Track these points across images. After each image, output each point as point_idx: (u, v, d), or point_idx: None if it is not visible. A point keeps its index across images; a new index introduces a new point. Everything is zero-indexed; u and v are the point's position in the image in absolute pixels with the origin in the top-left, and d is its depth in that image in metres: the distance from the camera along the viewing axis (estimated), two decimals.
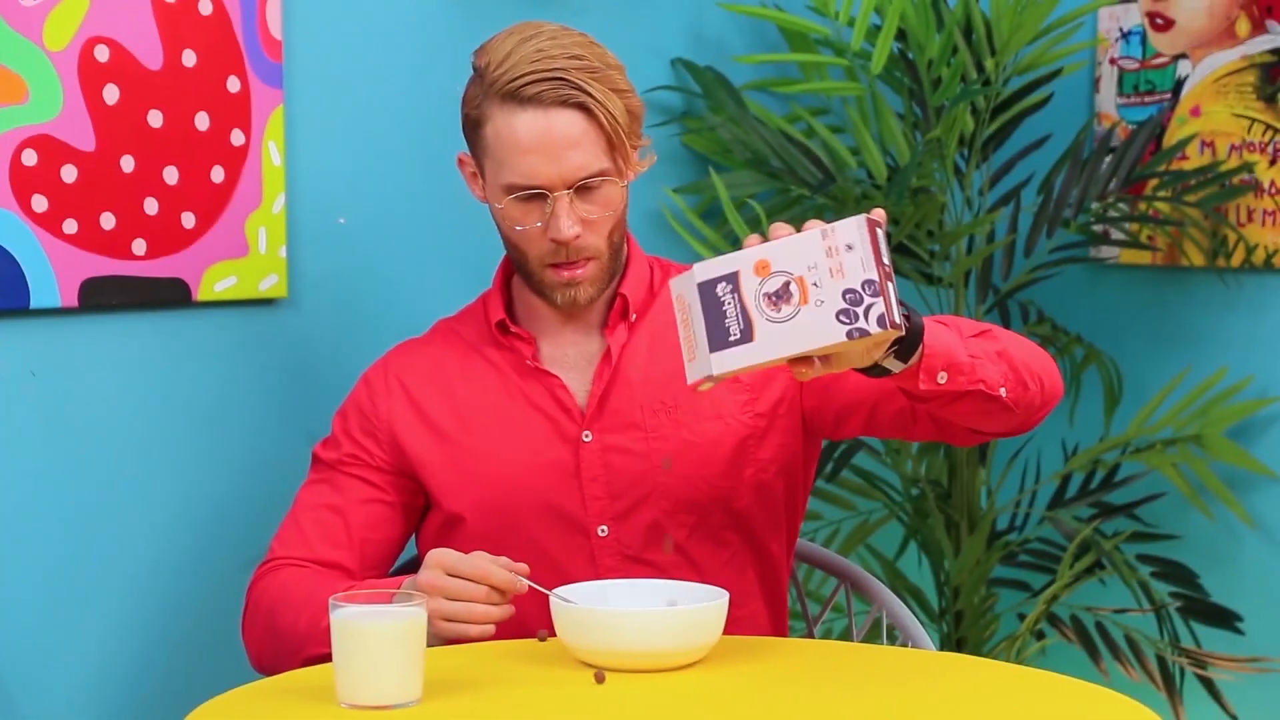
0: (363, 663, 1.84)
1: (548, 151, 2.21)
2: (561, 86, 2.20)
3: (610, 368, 2.30)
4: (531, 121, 2.21)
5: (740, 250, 1.91)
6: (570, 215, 2.22)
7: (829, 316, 1.86)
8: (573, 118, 2.21)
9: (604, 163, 2.23)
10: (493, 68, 2.24)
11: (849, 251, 1.88)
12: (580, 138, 2.21)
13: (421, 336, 2.45)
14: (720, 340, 1.89)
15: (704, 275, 1.90)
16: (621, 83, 2.27)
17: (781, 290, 1.88)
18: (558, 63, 2.21)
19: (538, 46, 2.23)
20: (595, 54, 2.26)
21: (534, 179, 2.22)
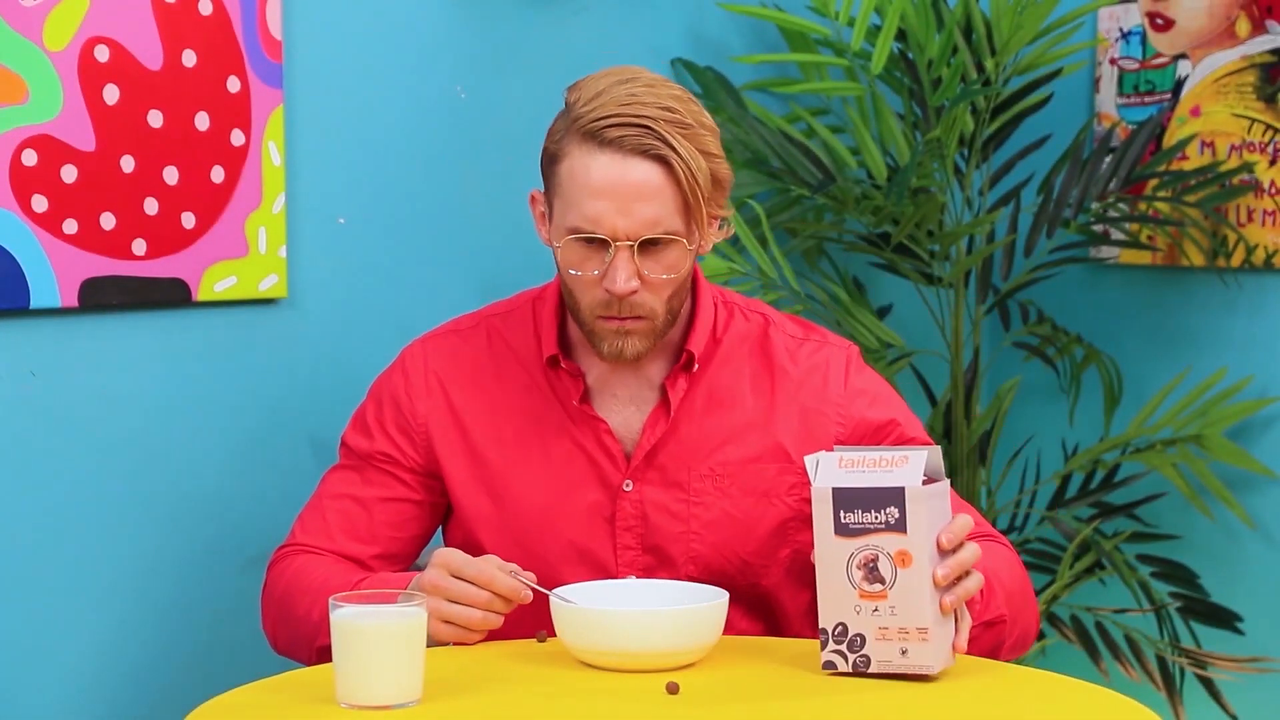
0: (363, 663, 1.84)
1: (618, 199, 2.10)
2: (645, 135, 2.10)
3: (667, 421, 2.23)
4: (608, 165, 2.10)
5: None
6: (628, 268, 2.12)
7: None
8: (650, 169, 2.10)
9: (675, 223, 2.12)
10: (580, 104, 2.13)
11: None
12: (654, 192, 2.10)
13: (465, 326, 2.35)
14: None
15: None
16: (712, 146, 2.15)
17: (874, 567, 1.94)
18: (647, 110, 2.10)
19: (631, 91, 2.12)
20: (690, 111, 2.14)
21: (598, 225, 2.11)
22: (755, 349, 2.29)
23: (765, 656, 2.06)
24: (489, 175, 2.97)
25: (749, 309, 2.31)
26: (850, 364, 2.30)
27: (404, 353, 2.36)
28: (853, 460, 1.94)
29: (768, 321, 2.31)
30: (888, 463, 1.92)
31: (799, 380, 2.27)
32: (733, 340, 2.28)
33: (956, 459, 3.23)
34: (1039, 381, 3.44)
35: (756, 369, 2.28)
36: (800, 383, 2.27)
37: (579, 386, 2.24)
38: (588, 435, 2.24)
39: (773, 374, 2.27)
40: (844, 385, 2.27)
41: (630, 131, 2.09)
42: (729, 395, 2.25)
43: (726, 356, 2.27)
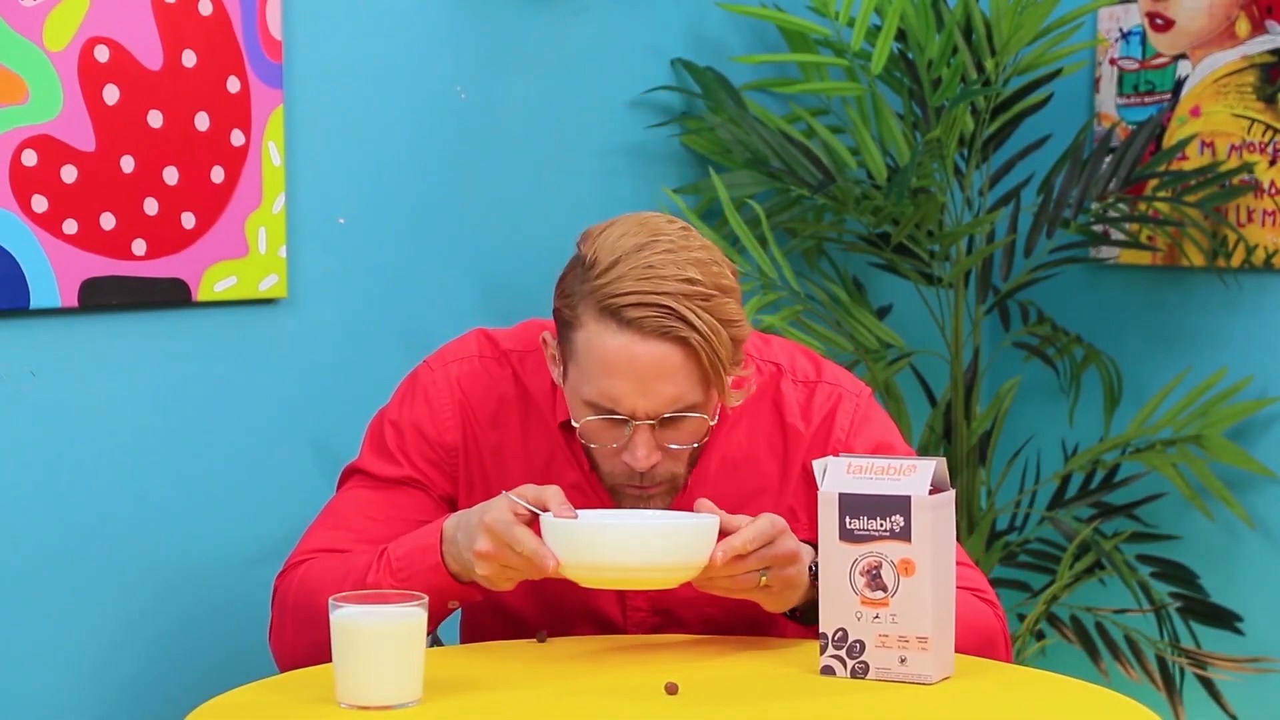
0: (362, 663, 1.83)
1: (638, 381, 2.03)
2: (666, 316, 2.00)
3: (682, 492, 2.16)
4: (626, 346, 2.01)
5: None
6: (649, 445, 2.06)
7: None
8: (671, 351, 2.02)
9: (696, 396, 2.05)
10: (596, 272, 2.03)
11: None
12: (675, 371, 2.03)
13: (489, 355, 2.25)
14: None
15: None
16: (733, 310, 2.05)
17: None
18: (667, 285, 2.01)
19: (649, 261, 2.01)
20: (710, 275, 2.03)
21: (618, 405, 2.05)
22: (768, 407, 2.23)
23: (765, 656, 2.06)
24: (489, 175, 2.97)
25: (762, 359, 2.25)
26: (858, 414, 2.24)
27: (421, 378, 2.25)
28: (860, 467, 1.94)
29: (780, 372, 2.25)
30: (895, 471, 1.92)
31: (809, 439, 2.22)
32: (746, 400, 2.21)
33: (956, 459, 3.23)
34: (1039, 381, 3.44)
35: (769, 429, 2.23)
36: (809, 441, 2.22)
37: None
38: (597, 501, 2.18)
39: (784, 434, 2.22)
40: (847, 437, 2.23)
41: (650, 312, 2.01)
42: (742, 458, 2.21)
43: (739, 417, 2.22)
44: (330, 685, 1.87)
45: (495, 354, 2.25)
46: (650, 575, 1.97)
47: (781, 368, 2.25)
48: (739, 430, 2.22)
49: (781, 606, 2.06)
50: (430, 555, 2.04)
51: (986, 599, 2.20)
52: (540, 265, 2.94)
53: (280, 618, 2.18)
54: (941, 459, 1.93)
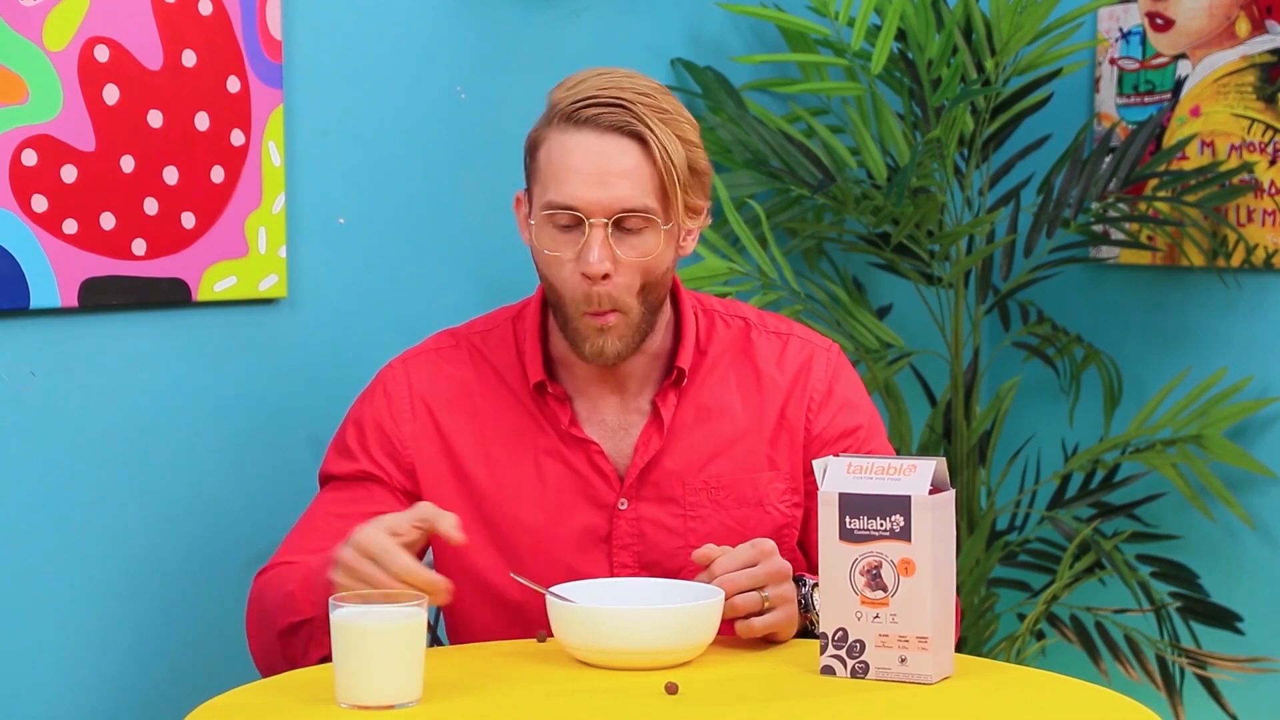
0: (362, 663, 1.83)
1: (594, 175, 2.11)
2: (622, 113, 2.11)
3: (660, 438, 2.22)
4: (584, 142, 2.12)
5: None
6: (605, 247, 2.11)
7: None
8: (627, 146, 2.11)
9: (650, 201, 2.12)
10: (559, 93, 2.17)
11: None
12: (630, 169, 2.11)
13: (446, 345, 2.32)
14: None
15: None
16: (691, 134, 2.16)
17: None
18: (625, 94, 2.12)
19: (611, 79, 2.15)
20: (669, 101, 2.16)
21: (573, 199, 2.11)
22: (739, 356, 2.28)
23: (765, 656, 2.06)
24: (489, 175, 2.97)
25: (729, 314, 2.30)
26: (832, 364, 2.30)
27: (382, 375, 2.31)
28: (860, 466, 1.94)
29: (748, 325, 2.30)
30: (895, 470, 1.92)
31: (785, 386, 2.27)
32: (717, 349, 2.27)
33: (956, 459, 3.23)
34: (1039, 381, 3.44)
35: (742, 376, 2.27)
36: (786, 388, 2.27)
37: (566, 410, 2.23)
38: (580, 458, 2.23)
39: (759, 380, 2.27)
40: (827, 389, 2.27)
41: (607, 110, 2.12)
42: (717, 406, 2.25)
43: (712, 366, 2.26)
44: (329, 685, 1.87)
45: (452, 342, 2.31)
46: (660, 658, 1.98)
47: (750, 322, 2.31)
48: (713, 378, 2.26)
49: (791, 629, 2.08)
50: (329, 569, 2.05)
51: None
52: None
53: (249, 620, 2.25)
54: (941, 459, 1.93)
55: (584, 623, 1.97)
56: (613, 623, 1.96)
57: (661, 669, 1.96)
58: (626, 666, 1.97)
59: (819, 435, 2.26)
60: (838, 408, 2.27)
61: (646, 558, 2.22)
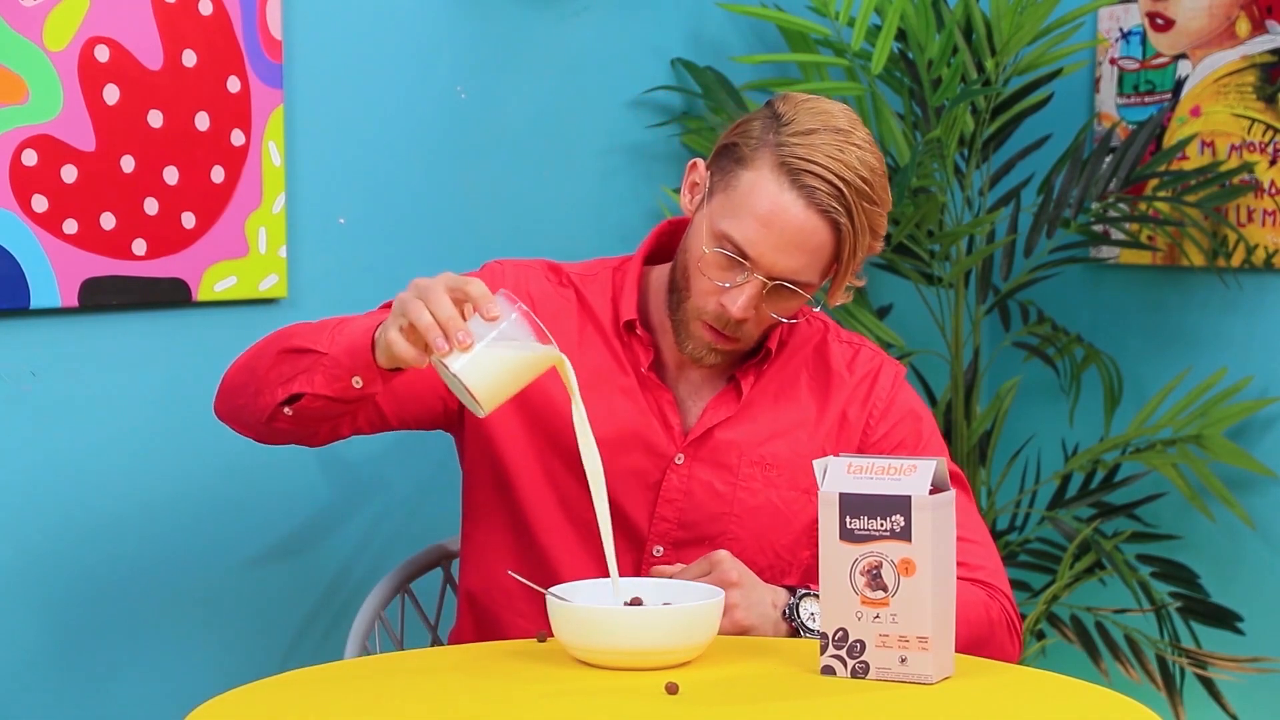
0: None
1: (781, 239, 2.14)
2: (836, 199, 2.13)
3: (737, 404, 2.26)
4: (789, 205, 2.13)
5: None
6: (753, 300, 2.16)
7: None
8: (822, 228, 2.14)
9: (814, 278, 2.18)
10: (790, 130, 2.15)
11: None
12: (815, 248, 2.15)
13: (551, 275, 2.32)
14: None
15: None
16: (881, 225, 2.19)
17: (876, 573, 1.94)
18: (848, 174, 2.13)
19: (843, 146, 2.14)
20: (879, 186, 2.17)
21: (751, 249, 2.14)
22: (815, 352, 2.33)
23: (765, 656, 2.06)
24: (489, 175, 2.97)
25: (812, 315, 2.35)
26: (899, 379, 2.35)
27: (491, 268, 2.32)
28: (861, 467, 1.94)
29: (827, 327, 2.37)
30: (896, 471, 1.92)
31: (852, 387, 2.32)
32: (797, 340, 2.32)
33: (957, 459, 3.23)
34: (1039, 381, 3.44)
35: (814, 371, 2.32)
36: (851, 389, 2.32)
37: (649, 355, 2.27)
38: (651, 403, 2.26)
39: (829, 377, 2.32)
40: (889, 399, 2.31)
41: (824, 189, 2.13)
42: (788, 392, 2.29)
43: (790, 355, 2.31)
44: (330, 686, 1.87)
45: (558, 277, 2.33)
46: (660, 658, 1.98)
47: (828, 325, 2.38)
48: (789, 366, 2.31)
49: (759, 631, 2.10)
50: (371, 320, 2.06)
51: (988, 584, 2.22)
52: None
53: (234, 364, 2.23)
54: (942, 459, 1.93)
55: (584, 623, 1.97)
56: (612, 623, 1.96)
57: (661, 669, 1.96)
58: (626, 666, 1.97)
59: (877, 441, 2.30)
60: (899, 417, 2.31)
61: (688, 516, 2.25)
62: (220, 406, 2.25)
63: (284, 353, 2.12)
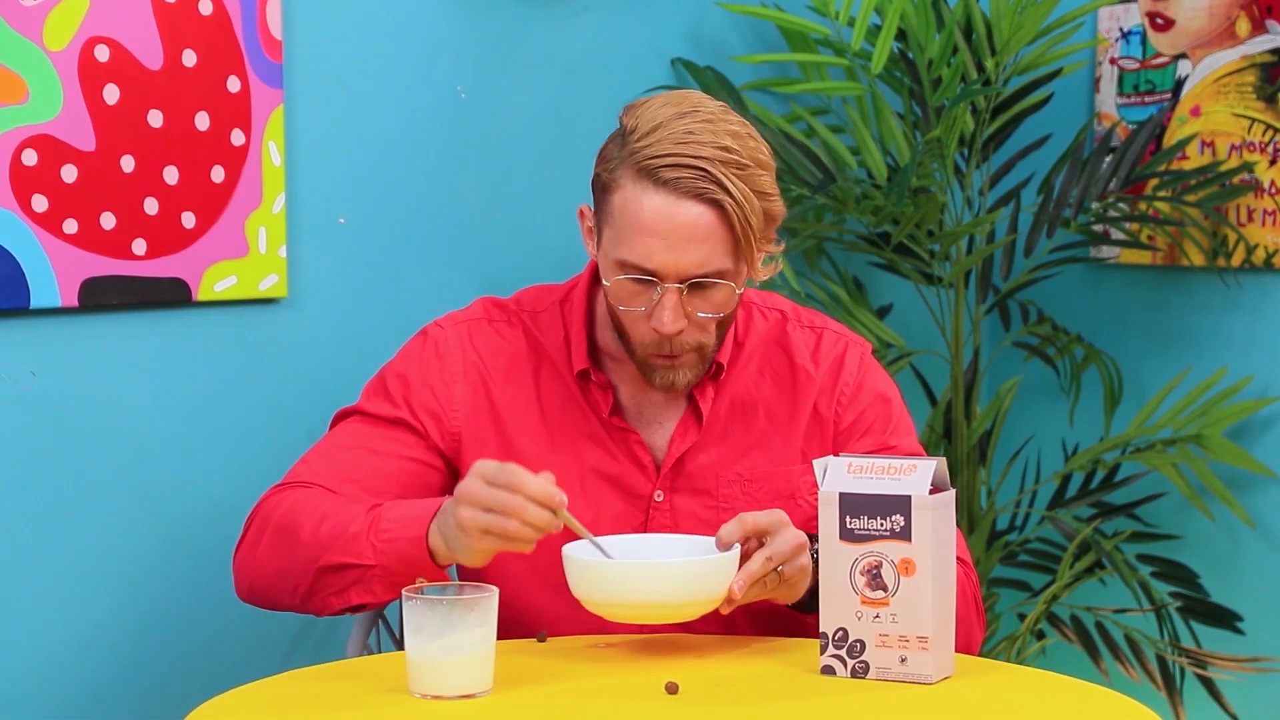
0: (441, 654, 1.85)
1: (670, 240, 2.08)
2: (701, 178, 2.07)
3: (698, 430, 2.23)
4: (661, 205, 2.08)
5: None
6: (677, 309, 2.11)
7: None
8: (704, 212, 2.08)
9: (725, 263, 2.10)
10: (636, 136, 2.10)
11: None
12: (707, 234, 2.08)
13: (498, 318, 2.29)
14: None
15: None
16: (767, 184, 2.12)
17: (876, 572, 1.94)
18: (704, 150, 2.07)
19: (688, 128, 2.09)
20: (748, 149, 2.10)
21: (648, 262, 2.09)
22: (775, 349, 2.29)
23: (765, 656, 2.06)
24: (489, 175, 2.97)
25: (766, 306, 2.31)
26: (864, 361, 2.30)
27: (431, 335, 2.28)
28: (861, 466, 1.94)
29: (785, 318, 2.31)
30: (896, 470, 1.92)
31: (820, 380, 2.27)
32: (754, 342, 2.28)
33: (956, 459, 3.23)
34: (1039, 381, 3.44)
35: (777, 370, 2.28)
36: (819, 382, 2.27)
37: (609, 399, 2.23)
38: (620, 447, 2.23)
39: (794, 374, 2.27)
40: (857, 384, 2.27)
41: (685, 174, 2.07)
42: (752, 399, 2.25)
43: (749, 359, 2.27)
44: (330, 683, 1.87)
45: (504, 316, 2.30)
46: (670, 611, 1.99)
47: (786, 314, 2.32)
48: (749, 371, 2.26)
49: (795, 595, 2.07)
50: (417, 526, 2.04)
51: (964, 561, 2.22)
52: (540, 265, 2.95)
53: (257, 534, 2.18)
54: (942, 459, 1.93)
55: (600, 576, 1.98)
56: (628, 576, 1.97)
57: (676, 621, 1.97)
58: (642, 619, 1.98)
59: (847, 428, 2.27)
60: (867, 402, 2.28)
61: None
62: (248, 596, 2.21)
63: (323, 571, 2.09)
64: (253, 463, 2.71)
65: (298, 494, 2.17)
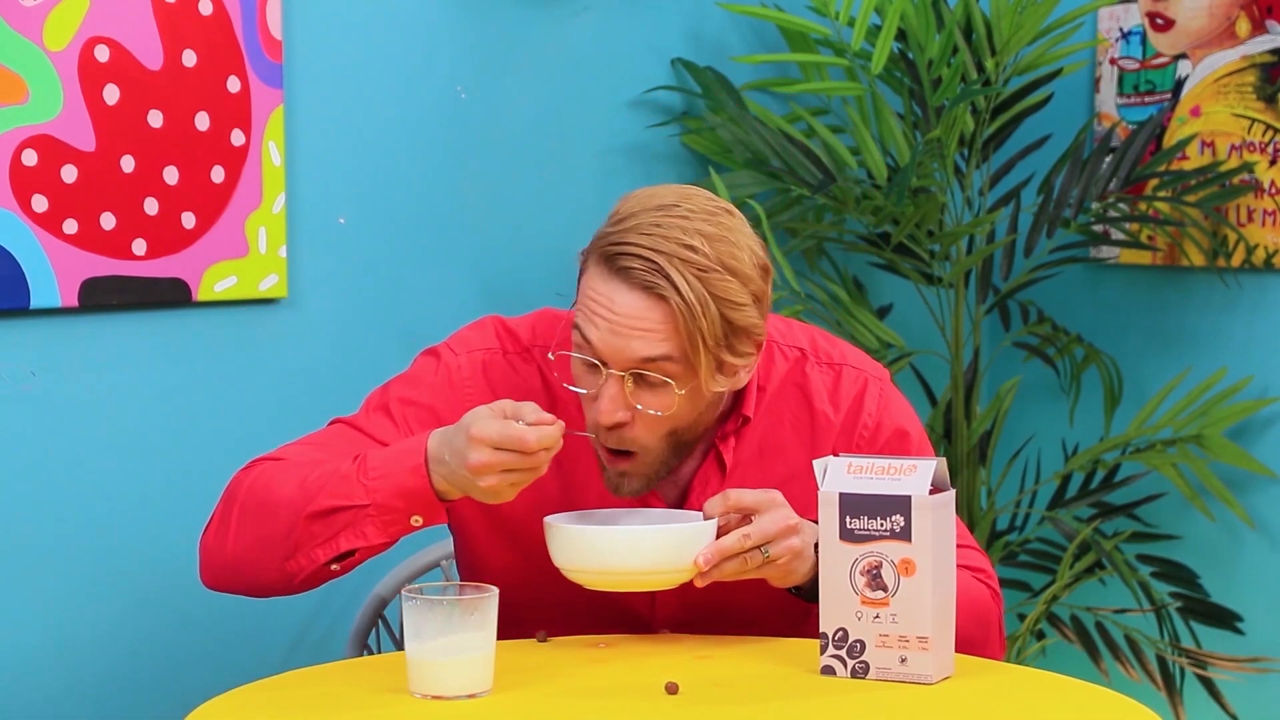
0: (441, 653, 1.85)
1: (614, 326, 2.03)
2: (652, 271, 2.01)
3: (720, 479, 2.17)
4: (611, 291, 2.03)
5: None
6: (616, 400, 2.05)
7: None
8: (650, 306, 2.02)
9: (669, 367, 2.04)
10: (612, 222, 2.06)
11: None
12: (650, 327, 2.03)
13: (513, 351, 2.23)
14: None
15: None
16: (734, 292, 2.04)
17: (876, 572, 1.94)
18: (666, 246, 2.02)
19: (658, 221, 2.03)
20: (718, 252, 2.03)
21: (595, 344, 2.04)
22: (794, 390, 2.23)
23: (765, 656, 2.06)
24: (489, 175, 2.97)
25: (786, 344, 2.25)
26: (883, 397, 2.25)
27: (445, 360, 2.22)
28: (861, 467, 1.94)
29: (804, 357, 2.25)
30: (896, 471, 1.92)
31: (838, 423, 2.22)
32: (774, 385, 2.22)
33: (956, 459, 3.23)
34: (1039, 381, 3.44)
35: (796, 414, 2.23)
36: (839, 425, 2.23)
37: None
38: (635, 499, 2.16)
39: (812, 419, 2.22)
40: (876, 423, 2.23)
41: (637, 264, 2.02)
42: (772, 446, 2.21)
43: (770, 404, 2.22)
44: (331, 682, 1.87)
45: (518, 349, 2.24)
46: (642, 578, 2.01)
47: (805, 352, 2.26)
48: (770, 416, 2.22)
49: (789, 580, 2.05)
50: (413, 457, 2.00)
51: (986, 580, 2.20)
52: (540, 265, 2.95)
53: (225, 510, 2.12)
54: (942, 459, 1.93)
55: (575, 543, 2.00)
56: (600, 543, 1.98)
57: (652, 589, 2.00)
58: (618, 586, 2.00)
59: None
60: (884, 440, 2.24)
61: (689, 598, 2.16)
62: (215, 579, 2.13)
63: (310, 519, 2.04)
64: None
65: (267, 464, 2.12)
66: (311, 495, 2.03)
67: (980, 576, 2.20)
